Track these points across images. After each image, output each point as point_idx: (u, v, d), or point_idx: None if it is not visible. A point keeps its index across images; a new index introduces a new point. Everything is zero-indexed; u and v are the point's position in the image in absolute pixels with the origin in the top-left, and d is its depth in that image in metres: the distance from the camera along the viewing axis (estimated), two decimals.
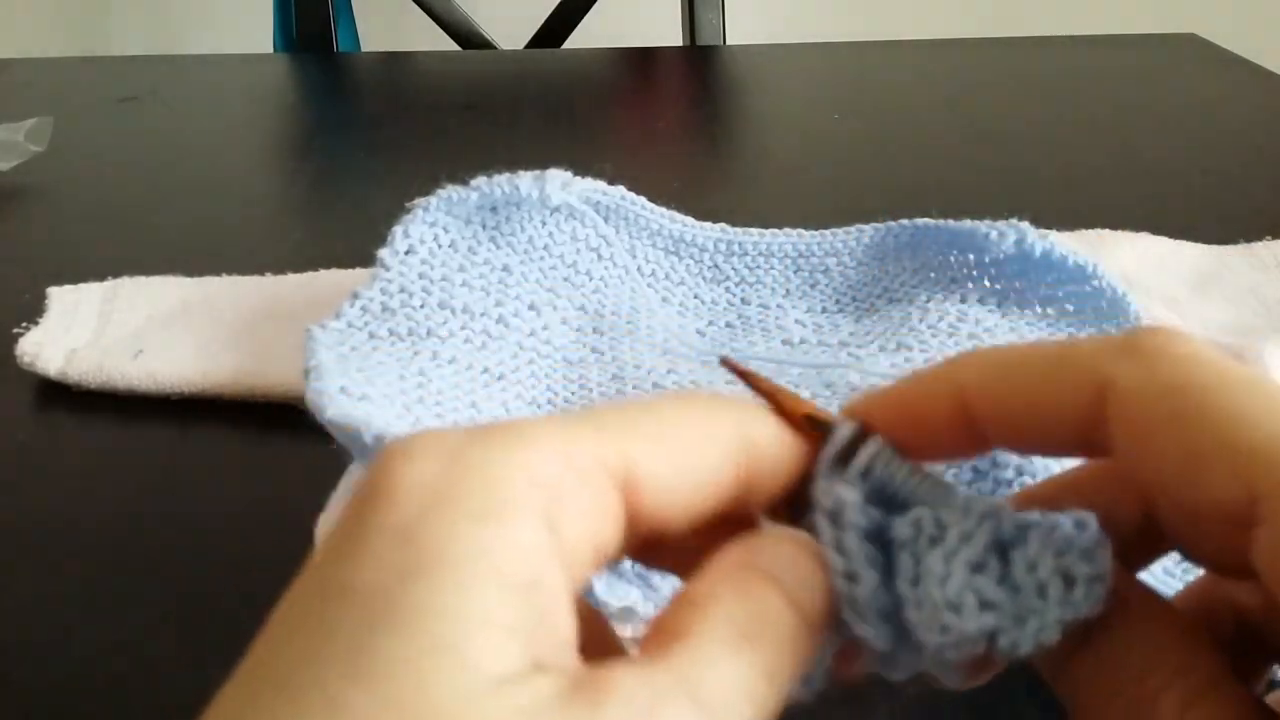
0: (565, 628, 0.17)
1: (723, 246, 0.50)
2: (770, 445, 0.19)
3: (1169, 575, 0.32)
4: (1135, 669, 0.18)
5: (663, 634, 0.17)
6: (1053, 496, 0.20)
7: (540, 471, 0.17)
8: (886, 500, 0.19)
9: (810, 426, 0.20)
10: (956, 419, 0.19)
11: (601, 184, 0.47)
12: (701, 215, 0.51)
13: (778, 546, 0.18)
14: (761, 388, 0.21)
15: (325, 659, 0.15)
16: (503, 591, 0.15)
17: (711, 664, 0.16)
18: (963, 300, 0.46)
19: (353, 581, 0.15)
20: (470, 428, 0.18)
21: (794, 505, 0.20)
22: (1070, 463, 0.21)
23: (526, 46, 1.19)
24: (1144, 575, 0.20)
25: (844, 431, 0.19)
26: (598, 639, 0.19)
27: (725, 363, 0.22)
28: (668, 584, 0.31)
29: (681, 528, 0.19)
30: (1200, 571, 0.20)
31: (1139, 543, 0.19)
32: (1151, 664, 0.18)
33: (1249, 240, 0.56)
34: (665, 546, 0.19)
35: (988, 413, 0.19)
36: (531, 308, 0.44)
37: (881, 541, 0.18)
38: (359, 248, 0.46)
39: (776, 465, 0.20)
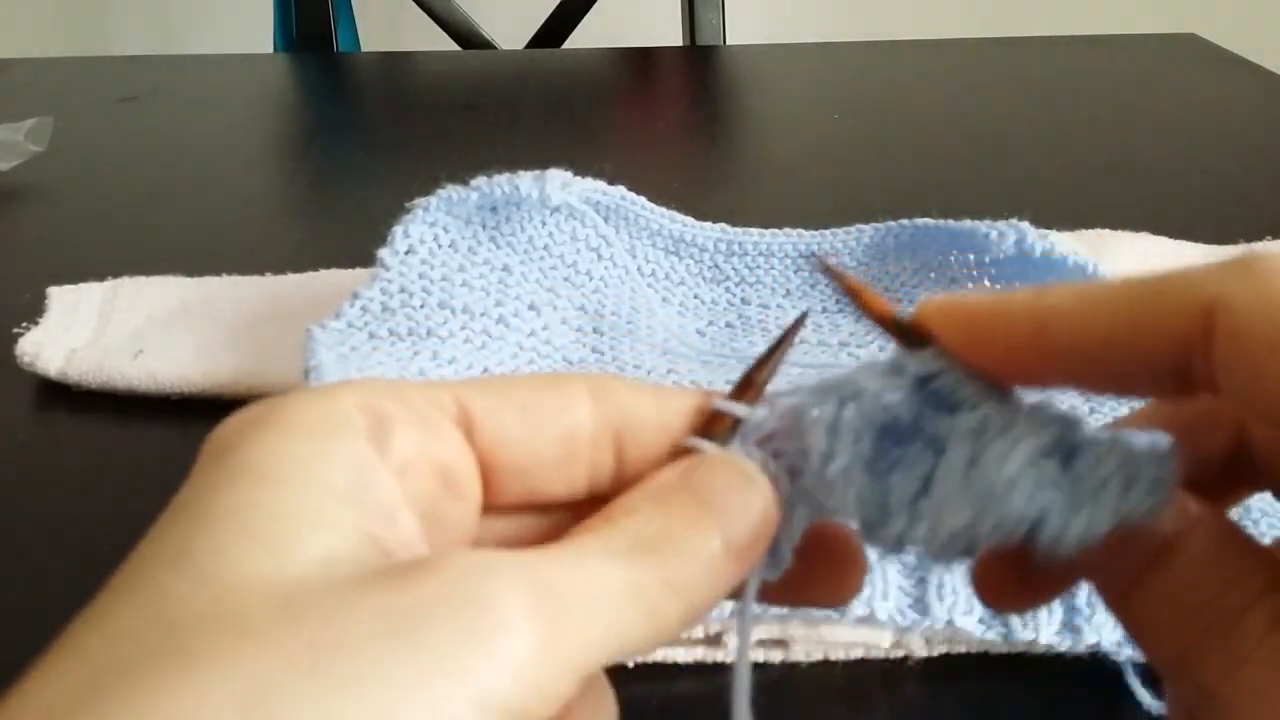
0: (406, 531, 0.18)
1: (723, 246, 0.50)
2: (642, 411, 0.20)
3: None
4: (1214, 587, 0.17)
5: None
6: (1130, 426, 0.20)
7: (365, 400, 0.18)
8: (936, 399, 0.19)
9: (896, 328, 0.20)
10: (1033, 345, 0.18)
11: (601, 184, 0.47)
12: (701, 215, 0.51)
13: (713, 470, 0.19)
14: (847, 283, 0.21)
15: (151, 557, 0.16)
16: (321, 492, 0.17)
17: (577, 562, 0.17)
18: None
19: (182, 498, 0.17)
20: None
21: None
22: None
23: (526, 46, 1.19)
24: None
25: (929, 353, 0.19)
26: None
27: (819, 262, 0.22)
28: None
29: (549, 484, 0.20)
30: None
31: (1223, 480, 0.19)
32: (1233, 582, 0.17)
33: (1249, 240, 0.56)
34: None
35: (1078, 338, 0.18)
36: (531, 308, 0.44)
37: (898, 432, 0.19)
38: (359, 248, 0.46)
39: (652, 429, 0.20)
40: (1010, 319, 0.19)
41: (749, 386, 0.21)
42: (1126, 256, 0.54)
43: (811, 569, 0.20)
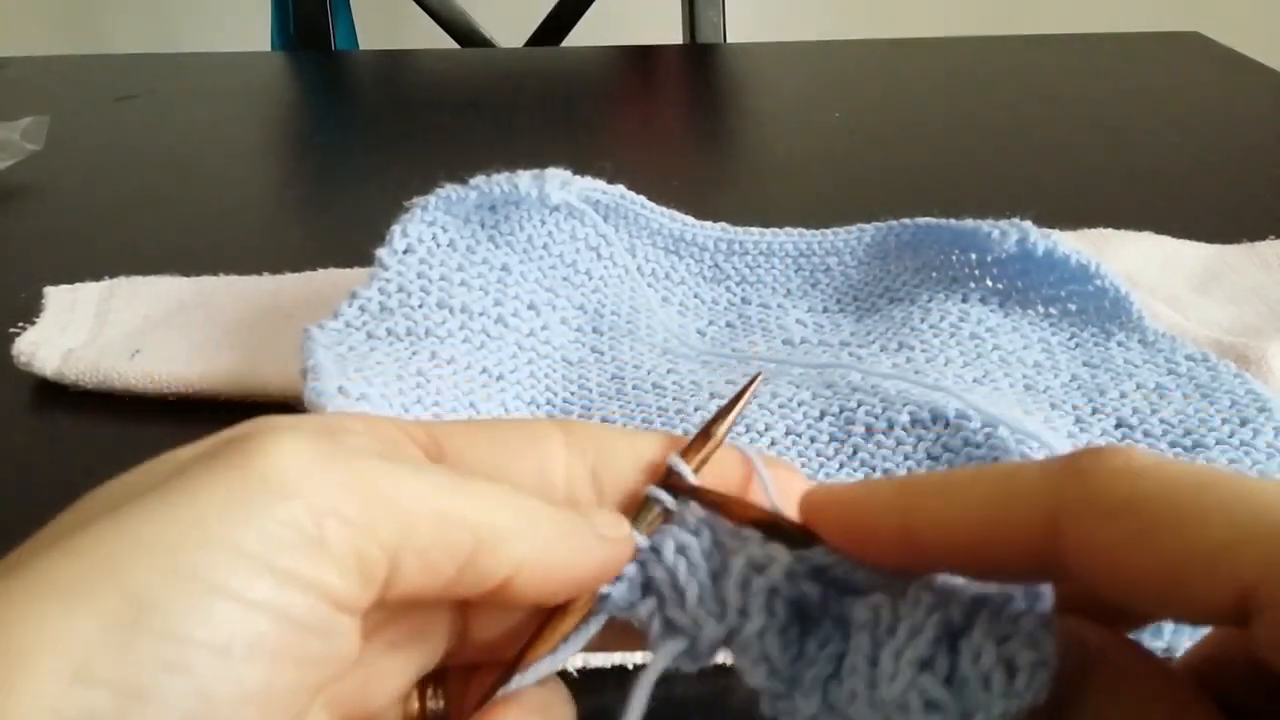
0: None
1: (723, 246, 0.50)
2: (616, 450, 0.22)
3: None
4: (1131, 715, 0.17)
5: None
6: None
7: (312, 421, 0.19)
8: (836, 584, 0.20)
9: (777, 531, 0.21)
10: (901, 539, 0.19)
11: (601, 183, 0.47)
12: (701, 215, 0.50)
13: (602, 513, 0.21)
14: (711, 498, 0.21)
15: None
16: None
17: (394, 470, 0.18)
18: (964, 300, 0.46)
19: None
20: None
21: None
22: None
23: (525, 44, 1.18)
24: None
25: (817, 553, 0.20)
26: None
27: (675, 484, 0.22)
28: None
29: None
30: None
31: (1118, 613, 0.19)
32: (1147, 706, 0.17)
33: (1252, 239, 0.56)
34: None
35: (935, 541, 0.18)
36: (531, 307, 0.44)
37: (800, 610, 0.19)
38: (357, 247, 0.45)
39: (627, 465, 0.22)
40: (877, 516, 0.19)
41: (706, 439, 0.22)
42: (1129, 256, 0.54)
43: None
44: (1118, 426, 0.40)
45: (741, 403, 0.23)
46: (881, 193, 0.68)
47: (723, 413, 0.23)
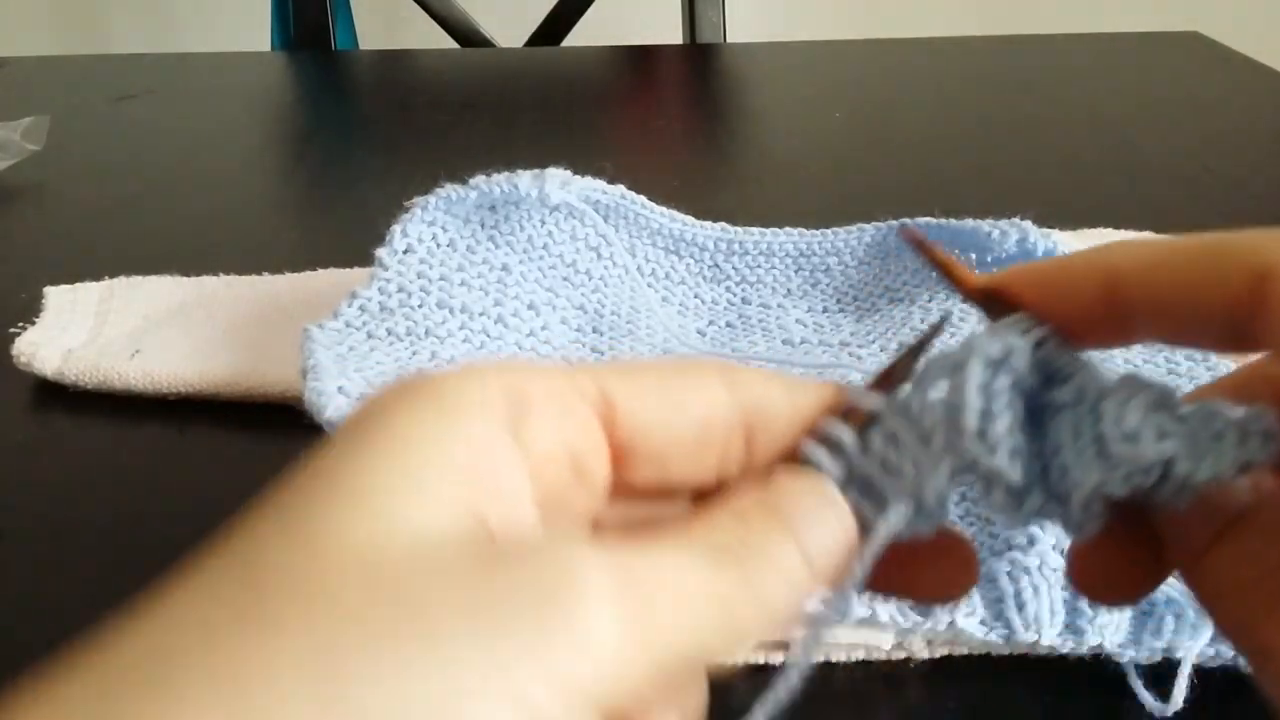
0: (521, 516, 0.18)
1: (723, 246, 0.50)
2: (774, 401, 0.20)
3: None
4: None
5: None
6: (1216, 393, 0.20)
7: (510, 383, 0.18)
8: (1045, 377, 0.20)
9: (983, 298, 0.21)
10: (1104, 303, 0.19)
11: (601, 183, 0.47)
12: (701, 215, 0.50)
13: (793, 488, 0.19)
14: (936, 257, 0.22)
15: (264, 517, 0.16)
16: (437, 467, 0.17)
17: (662, 561, 0.17)
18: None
19: (311, 463, 0.17)
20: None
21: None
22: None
23: (525, 45, 1.18)
24: None
25: (1018, 320, 0.20)
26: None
27: (908, 234, 0.22)
28: None
29: (683, 470, 0.20)
30: None
31: None
32: None
33: None
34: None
35: (1138, 299, 0.19)
36: (531, 307, 0.44)
37: (1027, 405, 0.19)
38: (357, 247, 0.45)
39: (783, 421, 0.20)
40: (1080, 279, 0.20)
41: (887, 380, 0.21)
42: None
43: (923, 564, 0.21)
44: None
45: (926, 345, 0.22)
46: (881, 192, 0.68)
47: (906, 356, 0.22)
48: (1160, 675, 0.30)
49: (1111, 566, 0.21)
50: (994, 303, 0.21)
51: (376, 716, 0.14)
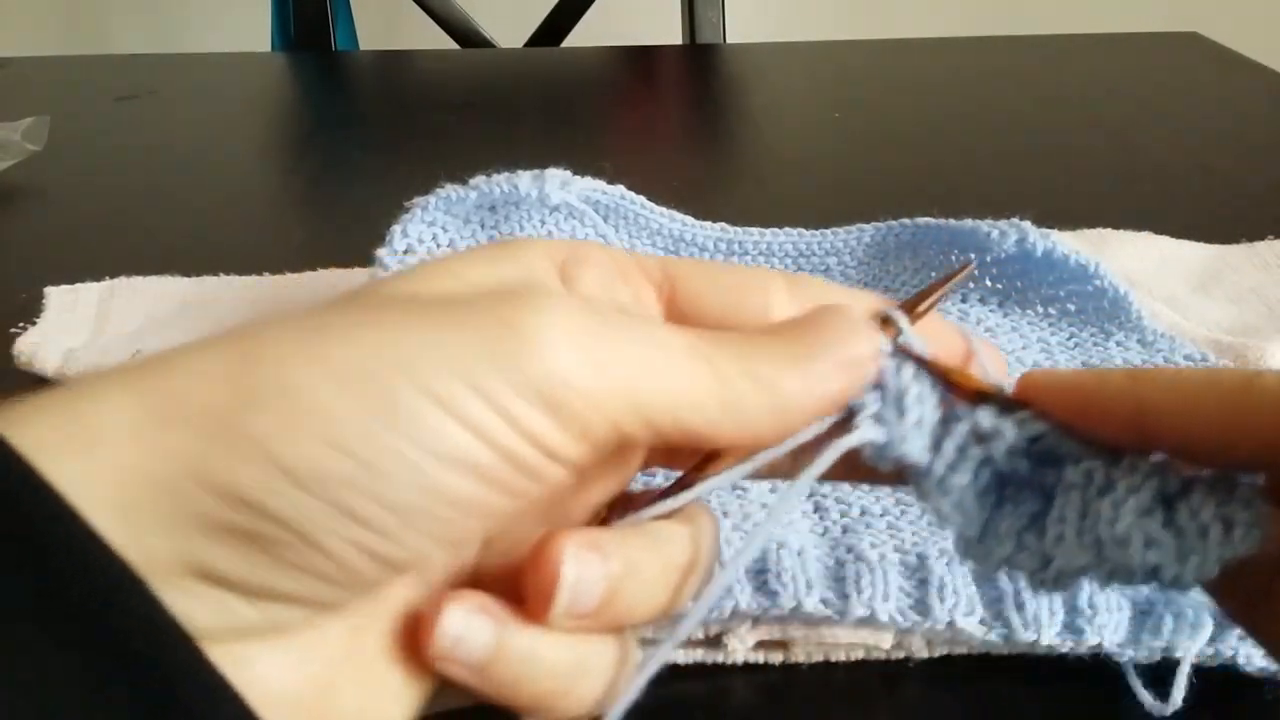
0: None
1: (723, 246, 0.50)
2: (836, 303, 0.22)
3: None
4: None
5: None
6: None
7: (574, 247, 0.21)
8: (1044, 456, 0.21)
9: (995, 400, 0.22)
10: (1132, 430, 0.20)
11: (601, 183, 0.47)
12: (701, 215, 0.50)
13: (830, 311, 0.21)
14: (935, 369, 0.22)
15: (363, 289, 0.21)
16: (484, 274, 0.21)
17: (642, 324, 0.20)
18: (964, 300, 0.46)
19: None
20: None
21: None
22: None
23: (526, 45, 1.18)
24: None
25: (1022, 418, 0.21)
26: None
27: (901, 350, 0.23)
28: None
29: None
30: None
31: None
32: None
33: (1251, 239, 0.56)
34: None
35: (1167, 434, 0.20)
36: None
37: (1008, 482, 0.21)
38: (357, 247, 0.45)
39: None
40: (1108, 406, 0.20)
41: (916, 304, 0.23)
42: (1128, 256, 0.54)
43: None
44: None
45: (958, 278, 0.24)
46: (881, 193, 0.68)
47: (934, 286, 0.23)
48: (1159, 675, 0.30)
49: None
50: (1006, 402, 0.21)
51: (338, 364, 0.18)
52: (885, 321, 0.22)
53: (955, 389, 0.22)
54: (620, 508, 0.23)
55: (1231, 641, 0.31)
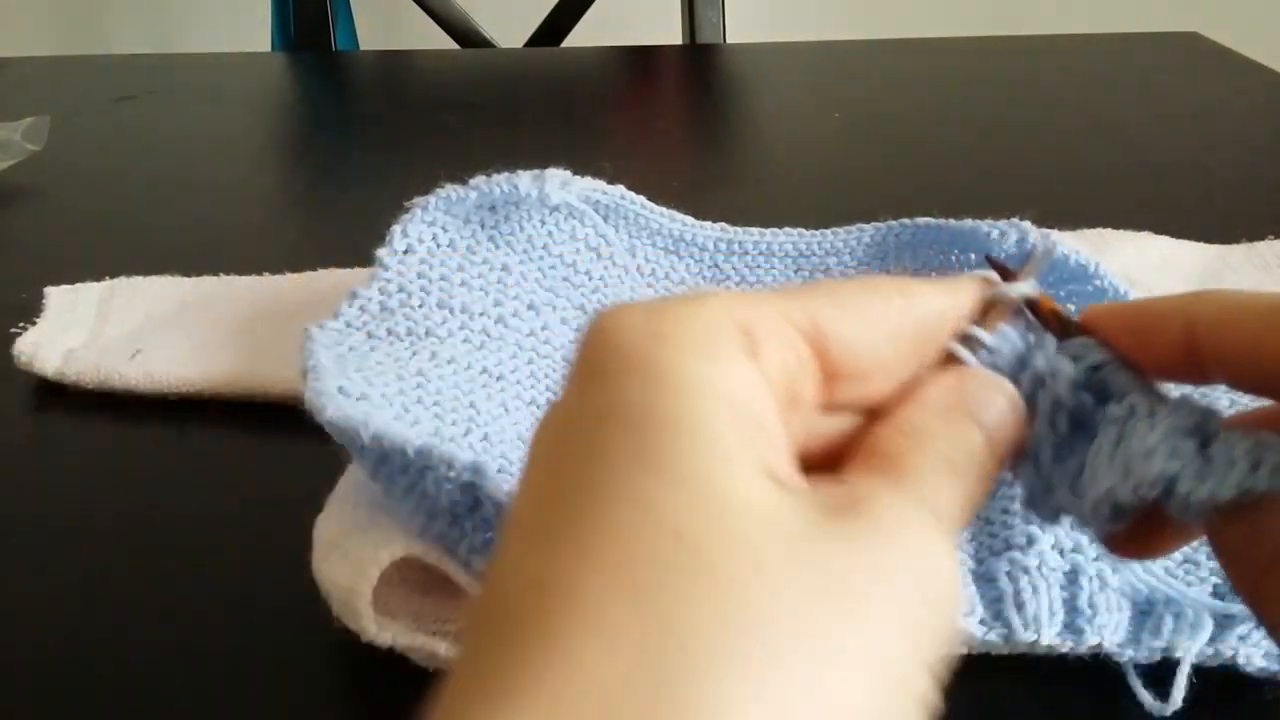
0: (784, 448, 0.19)
1: (723, 246, 0.50)
2: (941, 306, 0.22)
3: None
4: None
5: (878, 457, 0.20)
6: (1267, 419, 0.22)
7: (738, 316, 0.19)
8: (1101, 394, 0.21)
9: (1059, 325, 0.22)
10: (1183, 350, 0.20)
11: (601, 183, 0.47)
12: (701, 215, 0.50)
13: (981, 391, 0.21)
14: (1041, 307, 0.23)
15: (620, 464, 0.16)
16: (732, 415, 0.17)
17: (937, 490, 0.19)
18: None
19: (607, 402, 0.17)
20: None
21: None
22: None
23: (526, 45, 1.18)
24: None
25: (1084, 341, 0.22)
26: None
27: (990, 261, 0.24)
28: None
29: (880, 386, 0.21)
30: None
31: None
32: None
33: (1251, 239, 0.56)
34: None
35: (1216, 351, 0.20)
36: (531, 307, 0.44)
37: (1075, 418, 0.21)
38: (357, 247, 0.45)
39: (951, 324, 0.22)
40: (1161, 326, 0.21)
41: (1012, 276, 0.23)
42: (1128, 255, 0.54)
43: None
44: None
45: (1038, 258, 0.24)
46: (881, 193, 0.68)
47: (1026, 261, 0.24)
48: (1159, 675, 0.30)
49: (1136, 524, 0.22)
50: (1067, 328, 0.22)
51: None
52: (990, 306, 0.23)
53: (1040, 307, 0.23)
54: None
55: (1231, 641, 0.31)
